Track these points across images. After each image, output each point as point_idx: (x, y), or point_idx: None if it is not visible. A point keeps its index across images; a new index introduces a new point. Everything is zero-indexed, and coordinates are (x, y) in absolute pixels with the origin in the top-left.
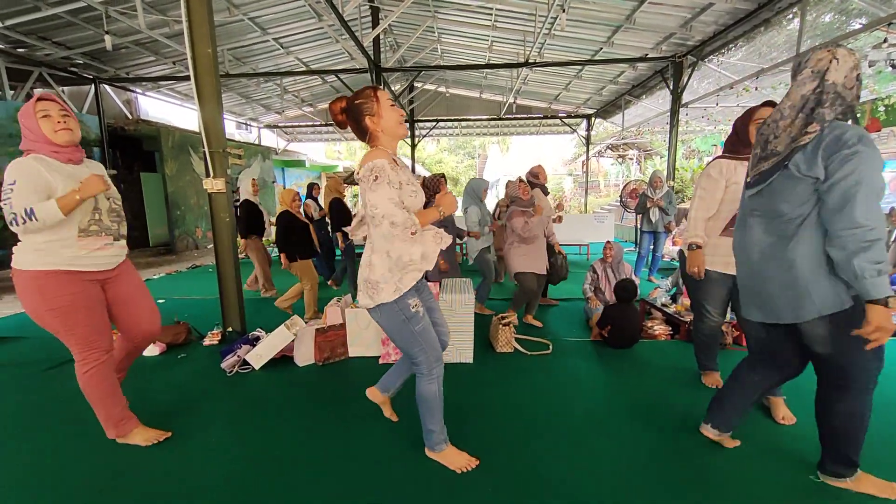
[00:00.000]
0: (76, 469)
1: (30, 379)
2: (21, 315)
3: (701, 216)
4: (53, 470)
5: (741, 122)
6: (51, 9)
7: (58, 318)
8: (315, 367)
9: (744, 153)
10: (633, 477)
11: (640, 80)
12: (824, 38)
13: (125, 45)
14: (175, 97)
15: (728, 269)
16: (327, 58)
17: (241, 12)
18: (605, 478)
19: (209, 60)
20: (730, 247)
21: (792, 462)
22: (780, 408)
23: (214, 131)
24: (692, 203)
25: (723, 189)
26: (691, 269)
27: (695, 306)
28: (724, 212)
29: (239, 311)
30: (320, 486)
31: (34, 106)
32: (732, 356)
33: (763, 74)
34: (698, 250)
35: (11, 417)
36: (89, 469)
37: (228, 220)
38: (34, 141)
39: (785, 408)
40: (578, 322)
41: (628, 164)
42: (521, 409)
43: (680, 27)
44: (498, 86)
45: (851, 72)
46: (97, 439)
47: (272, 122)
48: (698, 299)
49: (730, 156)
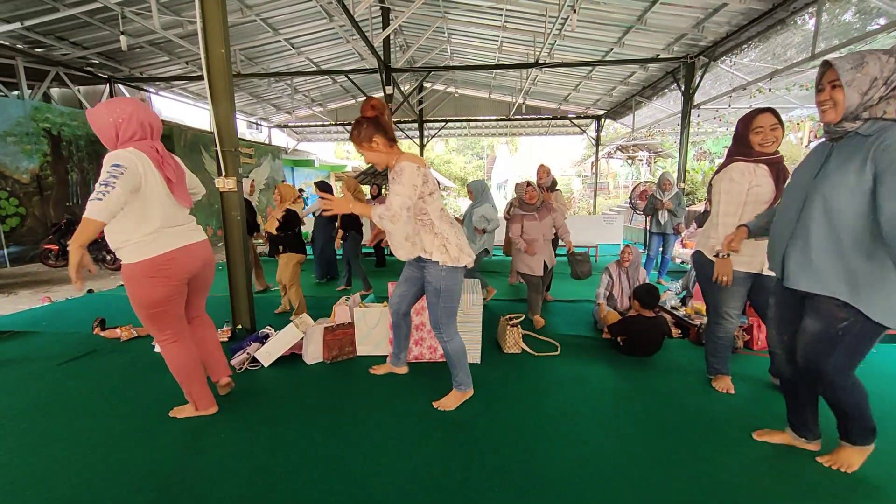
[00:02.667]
0: (90, 462)
1: (45, 373)
2: (35, 310)
3: (730, 221)
4: (70, 462)
5: (742, 128)
6: (68, 9)
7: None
8: (323, 365)
9: (755, 156)
10: (641, 479)
11: (651, 81)
12: (841, 38)
13: (140, 45)
14: (188, 97)
15: (750, 267)
16: (337, 58)
17: (253, 13)
18: (612, 479)
19: (222, 60)
20: (752, 247)
21: (805, 462)
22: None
23: (227, 131)
24: (715, 209)
25: (745, 192)
26: (721, 278)
27: (712, 309)
28: (747, 213)
29: (249, 309)
30: (328, 482)
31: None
32: (741, 360)
33: (777, 75)
34: (728, 258)
35: (27, 411)
36: (102, 462)
37: (239, 218)
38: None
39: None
40: (587, 323)
41: (638, 166)
42: (529, 410)
43: (692, 28)
44: (507, 86)
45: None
46: (108, 433)
47: (282, 122)
48: (718, 301)
49: (744, 158)
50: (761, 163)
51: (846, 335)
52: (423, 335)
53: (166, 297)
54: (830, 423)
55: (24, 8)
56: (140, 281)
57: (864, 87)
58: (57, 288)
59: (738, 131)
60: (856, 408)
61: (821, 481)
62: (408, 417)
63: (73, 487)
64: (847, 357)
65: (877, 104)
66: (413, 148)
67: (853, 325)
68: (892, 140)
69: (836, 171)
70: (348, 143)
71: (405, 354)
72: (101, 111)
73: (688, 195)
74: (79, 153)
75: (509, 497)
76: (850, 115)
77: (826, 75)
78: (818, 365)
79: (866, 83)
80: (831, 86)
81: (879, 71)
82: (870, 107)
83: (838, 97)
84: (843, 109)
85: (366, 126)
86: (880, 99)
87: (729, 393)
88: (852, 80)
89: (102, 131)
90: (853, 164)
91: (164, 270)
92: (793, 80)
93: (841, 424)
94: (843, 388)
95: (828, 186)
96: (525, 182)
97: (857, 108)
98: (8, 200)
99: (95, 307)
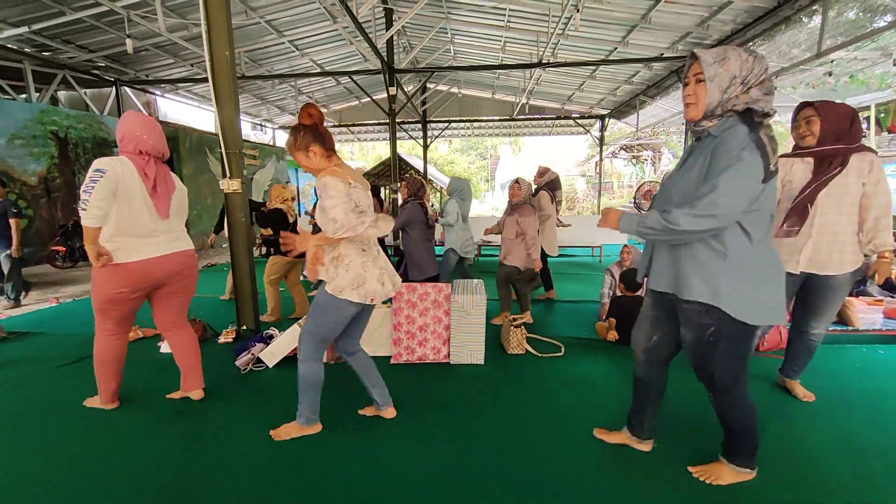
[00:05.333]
0: (90, 463)
1: (43, 375)
2: (42, 311)
3: None
4: (70, 464)
5: (791, 125)
6: (75, 13)
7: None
8: (326, 365)
9: (795, 150)
10: (647, 480)
11: (656, 79)
12: (847, 35)
13: (145, 48)
14: (193, 99)
15: (787, 267)
16: (341, 59)
17: (257, 15)
18: (618, 480)
19: (227, 63)
20: (789, 246)
21: (815, 466)
22: (797, 387)
23: (231, 133)
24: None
25: (778, 189)
26: None
27: None
28: (780, 211)
29: (253, 310)
30: (331, 482)
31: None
32: (752, 361)
33: (783, 73)
34: None
35: (30, 410)
36: (103, 463)
37: (244, 220)
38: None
39: (802, 388)
40: (590, 324)
41: (642, 165)
42: (532, 411)
43: (696, 26)
44: (510, 86)
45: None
46: (110, 434)
47: (286, 123)
48: None
49: (786, 154)
50: (806, 156)
51: (718, 341)
52: (426, 336)
53: (116, 299)
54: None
55: (31, 12)
56: (96, 275)
57: (724, 84)
58: (64, 289)
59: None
60: (743, 422)
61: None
62: (409, 418)
63: (73, 489)
64: (731, 361)
65: (734, 101)
66: (416, 149)
67: (720, 328)
68: (730, 137)
69: (685, 172)
70: (352, 145)
71: (381, 391)
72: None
73: None
74: (85, 155)
75: (511, 498)
76: (708, 113)
77: (692, 68)
78: (709, 373)
79: (726, 80)
80: (696, 80)
81: (739, 69)
82: (726, 104)
83: (700, 93)
84: (704, 106)
85: (303, 133)
86: (737, 98)
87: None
88: (714, 75)
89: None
90: (698, 162)
91: (117, 277)
92: (799, 78)
93: (726, 440)
94: (735, 399)
95: (675, 187)
96: (514, 180)
97: (716, 105)
98: (16, 203)
99: None
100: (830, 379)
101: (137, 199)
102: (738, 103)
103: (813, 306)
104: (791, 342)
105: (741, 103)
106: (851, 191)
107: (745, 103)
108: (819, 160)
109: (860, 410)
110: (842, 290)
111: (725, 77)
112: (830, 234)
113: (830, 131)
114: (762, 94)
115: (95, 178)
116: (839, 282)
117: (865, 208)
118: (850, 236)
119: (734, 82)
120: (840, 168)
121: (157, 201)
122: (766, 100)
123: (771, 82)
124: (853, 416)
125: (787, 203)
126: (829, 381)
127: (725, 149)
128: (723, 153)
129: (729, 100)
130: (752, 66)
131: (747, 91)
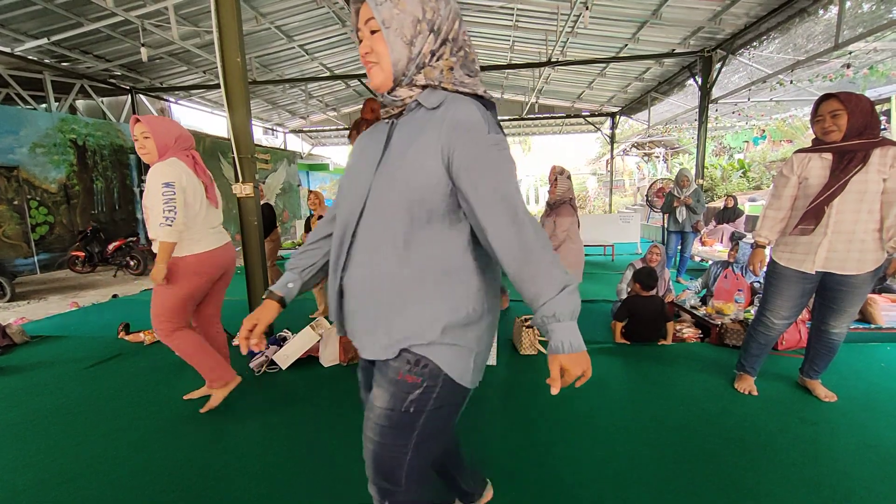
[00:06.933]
0: (115, 462)
1: (73, 376)
2: (65, 315)
3: (770, 214)
4: (96, 463)
5: (811, 118)
6: (92, 24)
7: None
8: (340, 367)
9: (817, 145)
10: (661, 483)
11: (667, 76)
12: (865, 27)
13: (160, 56)
14: (206, 105)
15: (802, 266)
16: (350, 62)
17: (267, 21)
18: (631, 484)
19: (238, 69)
20: (805, 245)
21: (825, 465)
22: (819, 388)
23: (243, 137)
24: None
25: (794, 186)
26: (750, 266)
27: (760, 304)
28: (797, 209)
29: None
30: (344, 482)
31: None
32: (767, 360)
33: (799, 67)
34: (759, 248)
35: (57, 411)
36: (128, 463)
37: (256, 223)
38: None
39: (823, 388)
40: (604, 324)
41: (654, 163)
42: (546, 413)
43: (709, 20)
44: (520, 86)
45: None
46: (133, 434)
47: (297, 127)
48: (764, 297)
49: (806, 149)
50: (825, 151)
51: (420, 413)
52: None
53: (200, 291)
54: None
55: (50, 24)
56: (179, 271)
57: (407, 32)
58: (84, 293)
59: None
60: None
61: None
62: None
63: (99, 487)
64: (425, 455)
65: (432, 65)
66: None
67: (430, 391)
68: (462, 116)
69: (399, 157)
70: None
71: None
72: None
73: (706, 191)
74: (102, 162)
75: (525, 500)
76: (401, 77)
77: (361, 14)
78: (392, 477)
79: (409, 25)
80: (369, 30)
81: (420, 9)
82: (423, 67)
83: (379, 46)
84: (389, 66)
85: (365, 128)
86: (433, 56)
87: (752, 394)
88: (390, 18)
89: (160, 139)
90: (423, 146)
91: (205, 266)
92: (815, 71)
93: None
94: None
95: (390, 181)
96: (555, 169)
97: (406, 63)
98: (37, 209)
99: (120, 312)
100: (853, 379)
101: (199, 194)
102: (442, 79)
103: (833, 306)
104: (811, 341)
105: (447, 81)
106: (871, 188)
107: (454, 84)
108: (840, 156)
109: (884, 411)
110: (863, 288)
111: (406, 21)
112: (848, 232)
113: (856, 126)
114: (466, 76)
115: (169, 193)
116: (860, 281)
117: (888, 204)
118: (870, 234)
119: (420, 29)
120: (861, 165)
121: (210, 193)
122: (474, 83)
123: (474, 58)
124: (877, 418)
125: (804, 201)
126: (852, 380)
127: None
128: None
129: (422, 58)
130: (436, 4)
131: (445, 57)
